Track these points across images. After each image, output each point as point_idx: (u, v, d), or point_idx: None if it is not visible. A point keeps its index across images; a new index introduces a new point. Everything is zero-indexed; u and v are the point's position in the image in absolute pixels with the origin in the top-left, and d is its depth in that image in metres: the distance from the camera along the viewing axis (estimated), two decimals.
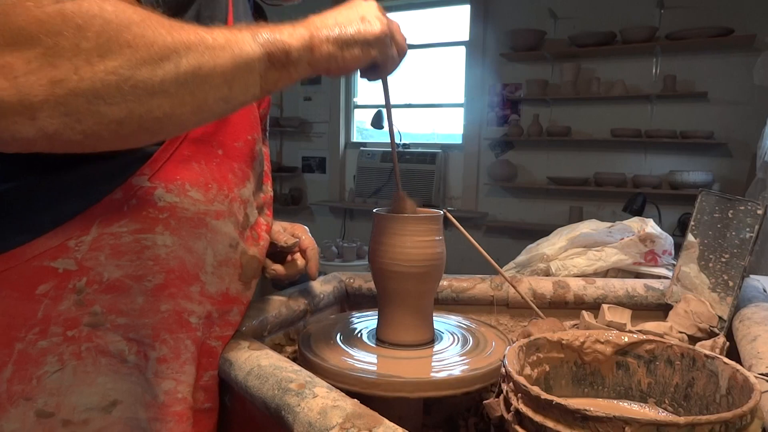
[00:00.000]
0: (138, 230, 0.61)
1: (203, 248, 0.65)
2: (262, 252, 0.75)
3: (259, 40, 0.54)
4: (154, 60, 0.46)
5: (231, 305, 0.70)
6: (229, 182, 0.67)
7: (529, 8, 3.83)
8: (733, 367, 0.57)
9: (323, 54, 0.59)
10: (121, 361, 0.62)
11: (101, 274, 0.60)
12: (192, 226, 0.64)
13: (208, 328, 0.68)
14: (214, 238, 0.66)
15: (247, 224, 0.72)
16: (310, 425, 0.50)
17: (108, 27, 0.44)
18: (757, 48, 3.17)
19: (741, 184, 3.02)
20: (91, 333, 0.60)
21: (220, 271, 0.68)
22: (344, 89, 4.62)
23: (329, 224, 4.70)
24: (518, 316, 1.02)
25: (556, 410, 0.50)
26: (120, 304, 0.61)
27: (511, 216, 4.05)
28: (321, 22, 0.61)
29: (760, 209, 0.81)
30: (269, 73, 0.55)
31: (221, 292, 0.68)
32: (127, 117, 0.46)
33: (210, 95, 0.51)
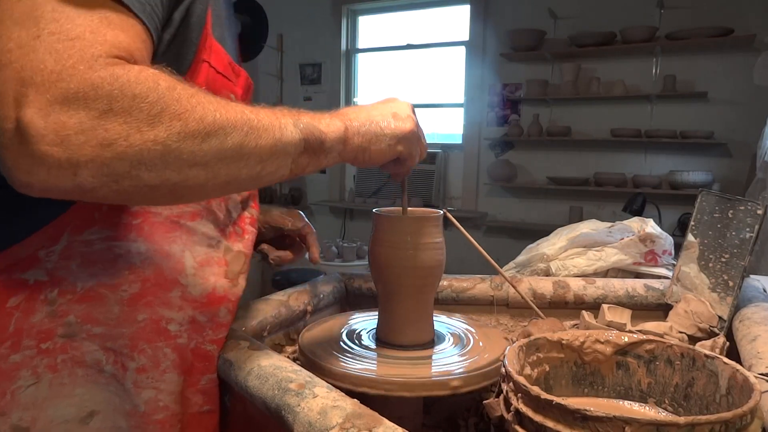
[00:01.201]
0: (110, 237, 0.60)
1: (180, 251, 0.65)
2: (247, 246, 0.75)
3: (299, 126, 0.56)
4: (201, 135, 0.47)
5: (218, 305, 0.69)
6: None
7: (529, 8, 3.83)
8: (733, 367, 0.57)
9: (353, 146, 0.63)
10: (98, 372, 0.61)
11: (74, 284, 0.59)
12: (166, 230, 0.64)
13: (197, 333, 0.66)
14: (191, 239, 0.66)
15: (230, 220, 0.72)
16: (310, 425, 0.50)
17: (161, 99, 0.45)
18: (757, 48, 3.17)
19: (741, 184, 3.02)
20: (67, 344, 0.59)
21: (203, 272, 0.67)
22: (344, 89, 4.62)
23: (329, 224, 4.70)
24: (518, 316, 1.02)
25: (556, 410, 0.50)
26: (96, 313, 0.60)
27: (511, 216, 4.05)
28: (355, 115, 0.65)
29: (760, 209, 0.81)
30: (301, 158, 0.57)
31: (206, 293, 0.67)
32: (163, 183, 0.47)
33: (243, 172, 0.52)
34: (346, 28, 4.59)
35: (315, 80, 4.67)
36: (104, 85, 0.43)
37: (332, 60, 4.58)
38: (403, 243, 0.77)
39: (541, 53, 3.74)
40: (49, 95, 0.42)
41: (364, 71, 4.73)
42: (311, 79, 4.68)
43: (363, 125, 0.64)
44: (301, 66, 4.69)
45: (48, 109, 0.42)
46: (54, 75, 0.42)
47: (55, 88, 0.42)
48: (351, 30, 4.63)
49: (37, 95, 0.41)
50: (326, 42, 4.58)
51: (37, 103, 0.41)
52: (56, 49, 0.42)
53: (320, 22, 4.57)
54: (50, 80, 0.42)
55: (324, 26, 4.57)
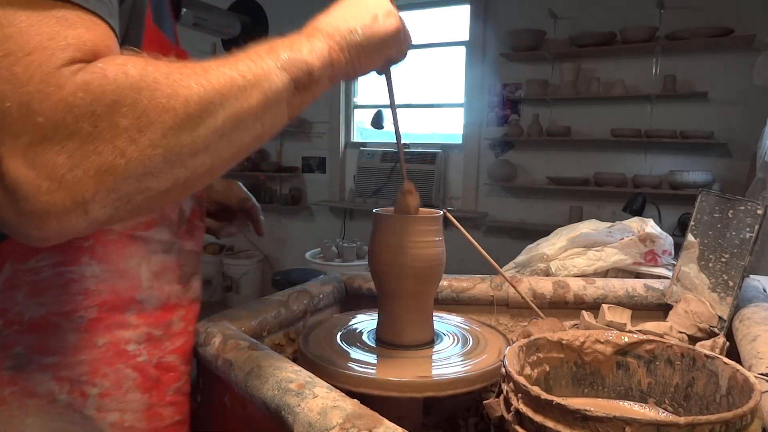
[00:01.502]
0: (61, 263, 0.57)
1: (136, 266, 0.62)
2: (198, 243, 0.71)
3: (283, 65, 0.50)
4: (193, 120, 0.43)
5: (171, 316, 0.66)
6: None
7: (529, 8, 3.83)
8: (733, 367, 0.57)
9: (342, 66, 0.57)
10: (50, 402, 0.58)
11: (21, 314, 0.56)
12: (121, 246, 0.60)
13: (157, 348, 0.65)
14: (147, 249, 0.63)
15: (183, 219, 0.68)
16: (310, 425, 0.50)
17: (140, 95, 0.40)
18: (757, 48, 3.16)
19: (741, 184, 3.02)
20: (15, 376, 0.57)
21: (158, 282, 0.64)
22: (344, 89, 4.62)
23: (329, 224, 4.70)
24: (518, 316, 1.02)
25: (556, 410, 0.50)
26: (48, 343, 0.57)
27: (511, 216, 4.05)
28: (334, 28, 0.57)
29: (760, 209, 0.81)
30: (294, 99, 0.52)
31: (160, 304, 0.65)
32: (174, 184, 0.44)
33: (245, 137, 0.48)
34: None
35: None
36: (78, 103, 0.38)
37: None
38: (403, 243, 0.77)
39: (541, 53, 3.74)
40: (27, 137, 0.37)
41: None
42: None
43: (346, 38, 0.57)
44: None
45: (31, 153, 0.37)
46: (23, 110, 0.37)
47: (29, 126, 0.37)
48: None
49: (13, 141, 0.37)
50: None
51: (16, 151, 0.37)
52: (15, 75, 0.37)
53: None
54: (20, 119, 0.37)
55: None
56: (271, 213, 4.89)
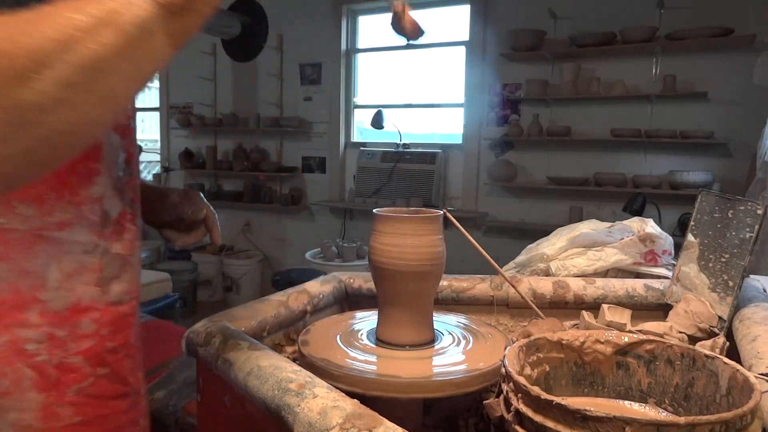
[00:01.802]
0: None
1: (43, 266, 0.60)
2: (126, 247, 0.69)
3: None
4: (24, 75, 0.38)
5: (80, 317, 0.64)
6: (71, 186, 0.61)
7: (529, 8, 3.83)
8: (733, 367, 0.57)
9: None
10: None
11: None
12: (26, 246, 0.59)
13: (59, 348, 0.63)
14: (59, 249, 0.61)
15: (108, 221, 0.66)
16: (310, 425, 0.50)
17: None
18: (757, 48, 3.16)
19: (741, 184, 3.02)
20: None
21: (69, 284, 0.62)
22: (344, 89, 4.62)
23: (329, 224, 4.70)
24: (518, 316, 1.02)
25: (556, 410, 0.50)
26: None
27: (511, 216, 4.05)
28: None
29: (760, 209, 0.81)
30: (173, 25, 0.46)
31: (69, 306, 0.63)
32: (32, 145, 0.40)
33: (114, 81, 0.43)
34: (346, 28, 4.59)
35: (315, 80, 4.67)
36: None
37: (332, 60, 4.57)
38: (403, 243, 0.77)
39: (541, 53, 3.74)
40: None
41: (364, 71, 4.73)
42: (311, 79, 4.68)
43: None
44: (301, 66, 4.69)
45: None
46: None
47: None
48: (351, 30, 4.63)
49: None
50: (326, 42, 4.58)
51: None
52: None
53: (320, 22, 4.57)
54: None
55: (324, 26, 4.57)
56: (271, 213, 4.90)
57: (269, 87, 4.79)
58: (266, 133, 4.80)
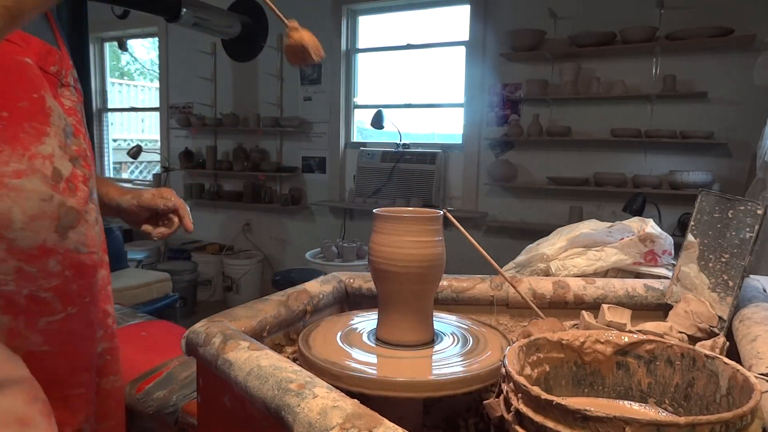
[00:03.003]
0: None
1: (7, 208, 0.69)
2: (80, 202, 0.79)
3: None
4: None
5: (48, 257, 0.74)
6: (22, 141, 0.71)
7: (529, 8, 3.83)
8: (734, 367, 0.57)
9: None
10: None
11: None
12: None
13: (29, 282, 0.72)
14: (19, 195, 0.70)
15: (60, 177, 0.76)
16: (310, 425, 0.50)
17: None
18: (757, 48, 3.16)
19: (741, 184, 3.02)
20: None
21: (33, 225, 0.72)
22: (344, 89, 4.63)
23: (329, 224, 4.70)
24: (518, 316, 1.02)
25: (557, 410, 0.50)
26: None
27: (511, 216, 4.05)
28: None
29: (760, 209, 0.81)
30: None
31: (36, 245, 0.72)
32: None
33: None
34: (346, 28, 4.59)
35: (315, 80, 4.67)
36: None
37: (332, 60, 4.57)
38: (403, 243, 0.77)
39: (541, 53, 3.73)
40: None
41: (364, 71, 4.73)
42: (311, 79, 4.68)
43: None
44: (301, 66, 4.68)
45: None
46: None
47: None
48: (351, 30, 4.63)
49: None
50: (326, 42, 4.56)
51: None
52: None
53: (320, 22, 4.57)
54: None
55: (324, 26, 4.57)
56: (271, 213, 4.90)
57: (269, 87, 4.79)
58: (266, 133, 4.80)
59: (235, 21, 4.16)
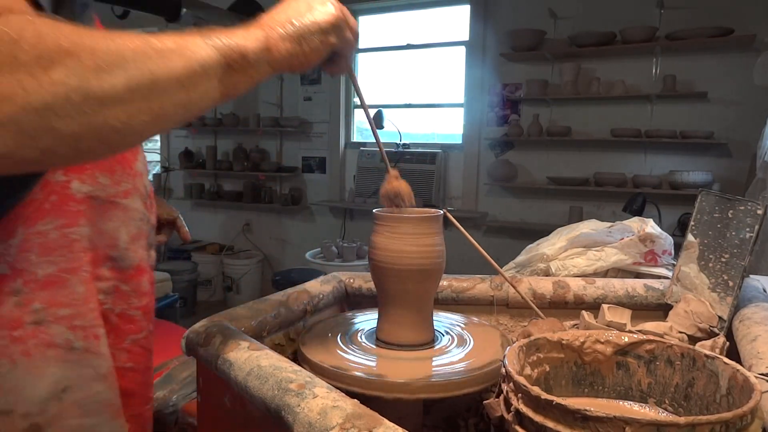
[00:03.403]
0: (64, 225, 0.64)
1: (115, 228, 0.70)
2: (155, 218, 0.81)
3: (213, 44, 0.53)
4: (100, 67, 0.44)
5: (141, 277, 0.74)
6: (128, 160, 0.71)
7: (529, 8, 3.83)
8: (734, 367, 0.57)
9: (282, 52, 0.60)
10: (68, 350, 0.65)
11: (35, 273, 0.62)
12: (104, 210, 0.68)
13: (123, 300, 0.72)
14: (126, 216, 0.71)
15: (146, 194, 0.77)
16: (310, 425, 0.50)
17: (44, 38, 0.42)
18: (757, 48, 3.17)
19: (741, 184, 3.02)
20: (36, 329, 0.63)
21: (133, 246, 0.72)
22: (344, 89, 4.62)
23: (329, 224, 4.70)
24: (518, 316, 1.02)
25: (557, 410, 0.50)
26: (59, 296, 0.64)
27: (511, 216, 4.05)
28: (273, 20, 0.61)
29: (760, 209, 0.81)
30: (228, 77, 0.55)
31: (133, 265, 0.73)
32: (83, 131, 0.45)
33: (167, 101, 0.50)
34: None
35: (315, 80, 4.67)
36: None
37: None
38: (403, 243, 0.77)
39: (541, 53, 3.74)
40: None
41: (364, 71, 4.73)
42: (311, 79, 4.68)
43: (285, 27, 0.60)
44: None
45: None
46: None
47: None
48: None
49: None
50: None
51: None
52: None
53: None
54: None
55: None
56: (271, 213, 4.90)
57: (269, 87, 4.79)
58: (266, 133, 4.80)
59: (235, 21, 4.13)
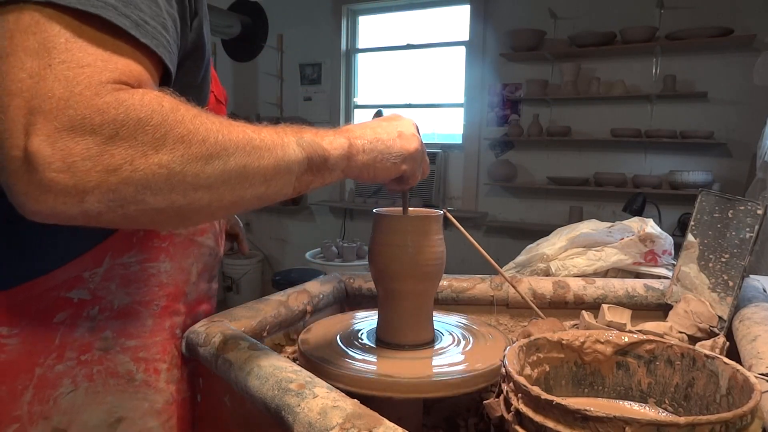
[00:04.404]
0: (145, 260, 0.68)
1: (191, 264, 0.73)
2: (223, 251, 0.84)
3: (302, 144, 0.57)
4: (204, 157, 0.48)
5: (199, 308, 0.77)
6: None
7: (529, 8, 3.83)
8: (734, 367, 0.57)
9: (358, 164, 0.64)
10: (128, 381, 0.68)
11: (112, 302, 0.66)
12: (183, 247, 0.72)
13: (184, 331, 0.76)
14: (200, 251, 0.74)
15: (219, 231, 0.80)
16: (310, 425, 0.50)
17: (165, 122, 0.45)
18: (757, 48, 3.17)
19: (741, 184, 3.02)
20: (102, 356, 0.66)
21: (200, 280, 0.75)
22: (344, 89, 4.62)
23: (329, 224, 4.70)
24: (518, 316, 1.02)
25: (557, 410, 0.50)
26: (130, 328, 0.68)
27: (511, 216, 4.05)
28: (360, 132, 0.66)
29: (760, 209, 0.81)
30: (304, 176, 0.58)
31: (198, 297, 0.75)
32: (168, 207, 0.48)
33: (248, 192, 0.53)
34: (346, 28, 4.59)
35: (315, 80, 4.67)
36: (110, 110, 0.43)
37: (332, 60, 4.58)
38: (403, 243, 0.77)
39: (541, 53, 3.73)
40: (57, 122, 0.42)
41: (364, 71, 4.73)
42: (311, 79, 4.68)
43: (368, 143, 0.65)
44: (301, 66, 4.69)
45: (55, 136, 0.42)
46: (62, 102, 0.42)
47: (62, 115, 0.42)
48: (351, 30, 4.63)
49: (45, 123, 0.42)
50: (326, 42, 4.58)
51: (45, 131, 0.41)
52: (66, 77, 0.42)
53: (320, 22, 4.57)
54: (58, 107, 0.42)
55: (324, 26, 4.57)
56: (271, 213, 4.90)
57: (269, 87, 4.79)
58: None
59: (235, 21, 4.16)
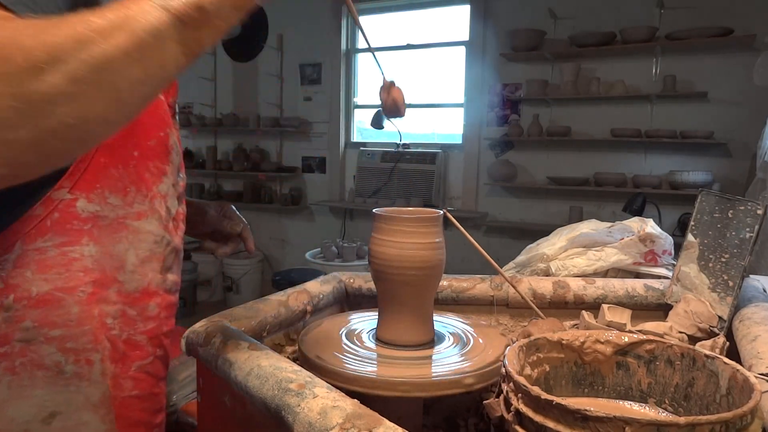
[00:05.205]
0: (64, 243, 0.62)
1: (124, 250, 0.67)
2: (180, 240, 0.78)
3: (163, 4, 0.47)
4: (36, 67, 0.41)
5: (148, 300, 0.71)
6: (146, 182, 0.68)
7: (529, 8, 3.83)
8: (733, 367, 0.57)
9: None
10: (58, 373, 0.63)
11: (29, 290, 0.61)
12: (112, 231, 0.66)
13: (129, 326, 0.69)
14: (136, 238, 0.68)
15: (170, 217, 0.74)
16: (310, 425, 0.50)
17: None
18: (757, 48, 3.16)
19: (741, 184, 3.02)
20: (25, 348, 0.61)
21: (142, 269, 0.69)
22: (344, 89, 4.62)
23: (329, 224, 4.70)
24: (518, 316, 1.02)
25: (557, 410, 0.50)
26: (53, 316, 0.62)
27: (511, 216, 4.05)
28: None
29: (760, 209, 0.81)
30: (187, 36, 0.49)
31: (140, 289, 0.70)
32: (40, 135, 0.42)
33: (121, 83, 0.46)
34: (346, 28, 4.59)
35: (315, 80, 4.67)
36: None
37: (332, 60, 4.58)
38: (403, 243, 0.77)
39: (541, 53, 3.74)
40: None
41: (364, 71, 4.73)
42: (311, 79, 4.68)
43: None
44: (301, 66, 4.69)
45: None
46: None
47: None
48: (351, 30, 4.63)
49: None
50: (326, 42, 4.58)
51: None
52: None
53: (320, 22, 4.57)
54: None
55: (324, 26, 4.57)
56: (271, 213, 4.90)
57: (269, 87, 4.79)
58: (266, 133, 4.80)
59: None
